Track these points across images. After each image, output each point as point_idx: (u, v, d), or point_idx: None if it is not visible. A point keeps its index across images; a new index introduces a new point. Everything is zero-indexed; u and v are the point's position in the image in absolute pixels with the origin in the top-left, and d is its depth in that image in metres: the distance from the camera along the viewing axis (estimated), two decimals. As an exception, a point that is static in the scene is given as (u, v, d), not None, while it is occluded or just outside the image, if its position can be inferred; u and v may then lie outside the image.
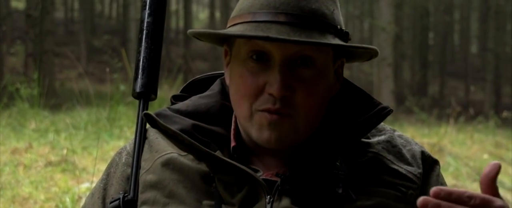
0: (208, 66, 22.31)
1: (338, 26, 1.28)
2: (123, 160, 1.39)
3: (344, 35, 1.29)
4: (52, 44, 13.83)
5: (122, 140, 6.04)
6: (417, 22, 26.95)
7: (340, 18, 1.31)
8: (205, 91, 1.42)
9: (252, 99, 1.26)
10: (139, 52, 1.41)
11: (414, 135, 9.08)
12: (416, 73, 26.16)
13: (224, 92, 1.40)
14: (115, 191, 1.36)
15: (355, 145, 1.33)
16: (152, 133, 1.38)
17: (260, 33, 1.22)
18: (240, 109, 1.29)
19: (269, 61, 1.25)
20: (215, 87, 1.41)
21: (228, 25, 1.31)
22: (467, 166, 7.16)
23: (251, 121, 1.27)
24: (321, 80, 1.27)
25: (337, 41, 1.26)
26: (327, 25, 1.26)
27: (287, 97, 1.24)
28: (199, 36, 1.32)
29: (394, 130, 1.41)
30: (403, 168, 1.34)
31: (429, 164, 1.38)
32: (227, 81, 1.35)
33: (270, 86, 1.24)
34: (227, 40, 1.34)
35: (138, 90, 1.39)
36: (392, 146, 1.36)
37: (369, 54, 1.33)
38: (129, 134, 6.25)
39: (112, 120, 6.80)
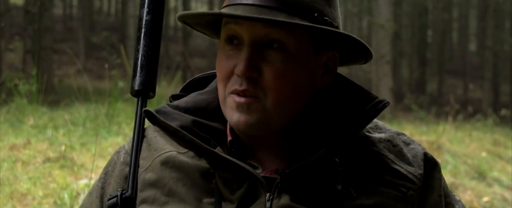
0: (206, 63, 22.29)
1: (315, 14, 1.26)
2: (121, 159, 1.39)
3: (323, 24, 1.26)
4: (50, 41, 13.81)
5: (121, 136, 6.04)
6: (416, 20, 26.92)
7: (326, 9, 1.28)
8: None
9: (225, 82, 1.28)
10: (137, 50, 1.41)
11: (413, 133, 9.07)
12: (415, 70, 26.14)
13: (221, 88, 1.40)
14: (113, 190, 1.35)
15: (355, 141, 1.33)
16: (151, 132, 1.38)
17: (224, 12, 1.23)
18: (219, 95, 1.31)
19: (241, 45, 1.27)
20: (214, 83, 1.41)
21: None
22: (466, 164, 7.16)
23: (225, 105, 1.29)
24: (293, 65, 1.25)
25: (305, 23, 1.23)
26: (300, 9, 1.24)
27: (254, 78, 1.25)
28: (186, 19, 1.32)
29: (396, 131, 1.40)
30: (404, 168, 1.33)
31: (431, 166, 1.38)
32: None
33: (236, 67, 1.25)
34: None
35: (136, 88, 1.39)
36: (393, 146, 1.36)
37: (364, 54, 1.31)
38: (128, 131, 6.24)
39: (110, 117, 6.79)
